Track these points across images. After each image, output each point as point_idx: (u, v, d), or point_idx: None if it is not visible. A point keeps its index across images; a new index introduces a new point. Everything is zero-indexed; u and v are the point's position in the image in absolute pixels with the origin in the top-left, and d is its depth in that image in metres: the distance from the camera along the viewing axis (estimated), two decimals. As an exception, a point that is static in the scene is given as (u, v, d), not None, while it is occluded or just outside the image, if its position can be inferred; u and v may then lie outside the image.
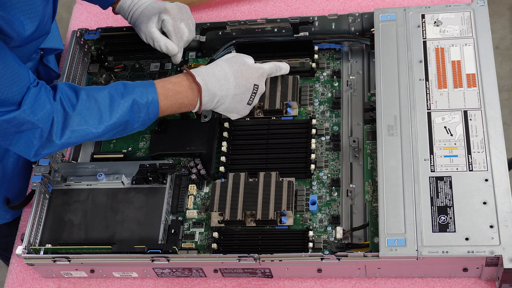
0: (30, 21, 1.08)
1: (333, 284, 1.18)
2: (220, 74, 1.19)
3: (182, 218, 1.25)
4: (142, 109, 1.14)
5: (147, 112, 1.15)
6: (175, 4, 1.27)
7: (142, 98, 1.13)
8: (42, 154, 1.11)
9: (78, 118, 1.10)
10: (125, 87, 1.14)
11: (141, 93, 1.14)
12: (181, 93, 1.17)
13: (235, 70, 1.20)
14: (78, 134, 1.10)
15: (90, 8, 1.59)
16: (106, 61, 1.45)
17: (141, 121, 1.15)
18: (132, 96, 1.13)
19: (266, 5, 1.51)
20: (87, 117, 1.10)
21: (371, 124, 1.26)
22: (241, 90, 1.20)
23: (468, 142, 1.15)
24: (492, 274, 1.11)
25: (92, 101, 1.11)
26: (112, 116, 1.12)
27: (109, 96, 1.12)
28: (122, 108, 1.12)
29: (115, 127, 1.13)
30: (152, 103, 1.14)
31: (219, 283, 1.21)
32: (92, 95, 1.12)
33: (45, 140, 1.09)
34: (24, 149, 1.10)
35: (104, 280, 1.25)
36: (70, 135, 1.10)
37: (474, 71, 1.21)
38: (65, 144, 1.11)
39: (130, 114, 1.13)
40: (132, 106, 1.13)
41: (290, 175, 1.24)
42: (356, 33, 1.36)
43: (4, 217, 1.39)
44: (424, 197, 1.11)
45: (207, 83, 1.18)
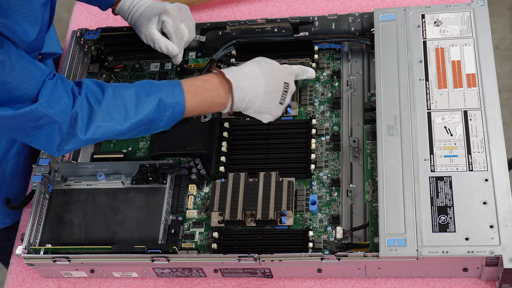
0: (32, 27, 1.08)
1: (333, 284, 1.18)
2: (250, 73, 1.17)
3: (182, 218, 1.25)
4: (168, 108, 1.12)
5: (173, 112, 1.12)
6: (175, 5, 1.27)
7: (168, 97, 1.12)
8: (65, 149, 1.10)
9: (104, 114, 1.09)
10: (152, 85, 1.13)
11: (168, 92, 1.12)
12: (211, 90, 1.15)
13: (264, 69, 1.18)
14: (102, 130, 1.09)
15: (90, 8, 1.59)
16: (106, 61, 1.45)
17: (166, 120, 1.13)
18: (158, 94, 1.11)
19: (266, 5, 1.51)
20: (113, 113, 1.09)
21: (371, 124, 1.26)
22: (272, 88, 1.18)
23: (468, 142, 1.15)
24: (492, 274, 1.11)
25: (118, 97, 1.10)
26: (138, 114, 1.10)
27: (135, 93, 1.11)
28: (148, 106, 1.10)
29: (140, 125, 1.11)
30: (178, 103, 1.12)
31: (219, 283, 1.21)
32: (118, 92, 1.10)
33: (66, 134, 1.07)
34: (46, 144, 1.08)
35: (104, 280, 1.25)
36: (95, 131, 1.08)
37: (474, 71, 1.21)
38: (90, 139, 1.09)
39: (156, 112, 1.11)
40: (159, 105, 1.11)
41: (290, 175, 1.24)
42: (356, 33, 1.36)
43: (4, 221, 1.39)
44: (424, 197, 1.11)
45: (238, 81, 1.16)
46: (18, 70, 1.02)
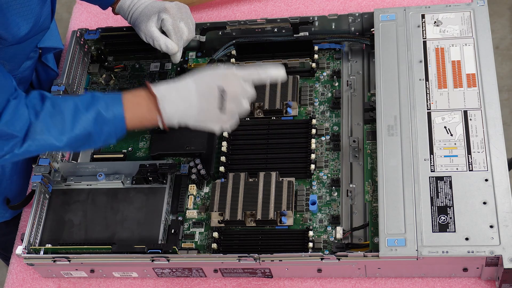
0: (26, 22, 1.08)
1: (333, 284, 1.18)
2: (180, 85, 1.12)
3: (182, 218, 1.25)
4: (107, 122, 1.08)
5: (113, 125, 1.09)
6: (174, 4, 1.27)
7: (107, 111, 1.08)
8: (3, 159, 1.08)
9: (40, 127, 1.06)
10: (92, 98, 1.09)
11: (106, 105, 1.09)
12: (142, 105, 1.10)
13: (196, 78, 1.12)
14: (38, 143, 1.07)
15: (90, 8, 1.59)
16: (106, 61, 1.45)
17: (106, 134, 1.09)
18: (96, 108, 1.08)
19: (266, 5, 1.51)
20: (49, 126, 1.07)
21: (371, 124, 1.26)
22: (205, 96, 1.10)
23: (468, 142, 1.15)
24: (492, 274, 1.11)
25: (56, 110, 1.07)
26: (74, 128, 1.07)
27: (74, 106, 1.08)
28: (85, 120, 1.07)
29: (77, 140, 1.08)
30: (117, 116, 1.09)
31: (219, 283, 1.21)
32: (58, 104, 1.08)
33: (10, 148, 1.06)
34: None
35: (104, 280, 1.25)
36: (30, 143, 1.06)
37: (474, 71, 1.21)
38: (25, 152, 1.07)
39: (94, 126, 1.08)
40: (96, 119, 1.08)
41: (290, 175, 1.24)
42: (356, 33, 1.36)
43: (3, 215, 1.39)
44: (424, 197, 1.11)
45: (165, 96, 1.10)
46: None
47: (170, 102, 1.10)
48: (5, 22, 1.03)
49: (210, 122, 1.12)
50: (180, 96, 1.11)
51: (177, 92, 1.11)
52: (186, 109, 1.11)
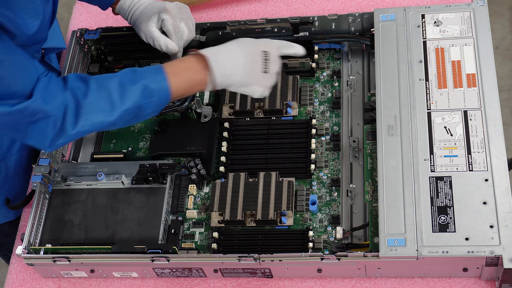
0: (33, 20, 1.09)
1: (333, 284, 1.18)
2: (226, 48, 1.17)
3: (182, 218, 1.25)
4: (154, 93, 1.12)
5: (159, 96, 1.12)
6: (174, 4, 1.27)
7: (152, 83, 1.12)
8: (57, 144, 1.10)
9: (90, 106, 1.09)
10: (135, 73, 1.13)
11: (151, 77, 1.12)
12: (190, 68, 1.15)
13: (239, 42, 1.18)
14: (91, 122, 1.09)
15: (90, 8, 1.59)
16: (106, 61, 1.45)
17: (154, 105, 1.13)
18: (142, 81, 1.11)
19: (266, 5, 1.51)
20: (100, 104, 1.09)
21: (371, 124, 1.26)
22: (250, 58, 1.16)
23: (468, 142, 1.15)
24: (492, 274, 1.11)
25: (102, 89, 1.10)
26: (124, 103, 1.10)
27: (119, 83, 1.11)
28: (134, 94, 1.10)
29: (127, 114, 1.11)
30: (162, 87, 1.12)
31: (219, 283, 1.21)
32: (102, 83, 1.11)
33: (58, 129, 1.08)
34: (39, 139, 1.09)
35: (104, 280, 1.25)
36: (83, 124, 1.09)
37: (474, 71, 1.21)
38: (79, 133, 1.10)
39: (142, 99, 1.11)
40: (143, 91, 1.11)
41: (290, 175, 1.24)
42: (356, 33, 1.36)
43: (7, 215, 1.39)
44: (424, 197, 1.11)
45: (214, 55, 1.15)
46: (16, 66, 1.03)
47: (219, 61, 1.15)
48: (14, 18, 1.05)
49: (256, 83, 1.18)
50: (228, 57, 1.16)
51: (224, 53, 1.16)
52: (233, 69, 1.15)
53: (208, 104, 1.35)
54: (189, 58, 1.16)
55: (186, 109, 1.32)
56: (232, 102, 1.32)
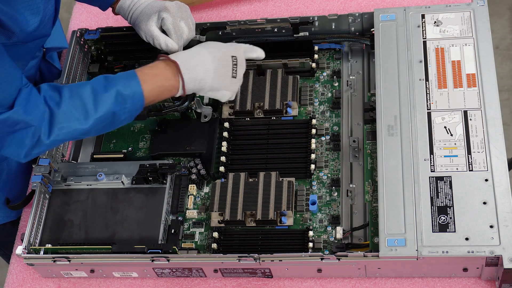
0: (33, 17, 1.10)
1: (333, 284, 1.18)
2: (196, 53, 1.19)
3: (182, 218, 1.25)
4: (127, 99, 1.12)
5: (133, 102, 1.13)
6: (174, 3, 1.27)
7: (125, 89, 1.12)
8: (32, 154, 1.10)
9: (64, 115, 1.09)
10: (107, 80, 1.13)
11: (124, 83, 1.12)
12: (160, 74, 1.16)
13: (208, 47, 1.20)
14: (65, 131, 1.09)
15: (90, 8, 1.59)
16: (106, 61, 1.45)
17: (128, 112, 1.13)
18: (115, 88, 1.12)
19: (266, 5, 1.51)
20: (73, 113, 1.09)
21: (371, 124, 1.26)
22: (220, 62, 1.18)
23: (468, 142, 1.15)
24: (492, 274, 1.11)
25: (75, 97, 1.10)
26: (98, 110, 1.10)
27: (92, 90, 1.11)
28: (107, 101, 1.11)
29: (102, 121, 1.11)
30: (136, 92, 1.13)
31: (219, 283, 1.21)
32: (75, 91, 1.11)
33: (36, 140, 1.08)
34: (16, 150, 1.09)
35: (104, 280, 1.25)
36: (58, 133, 1.09)
37: (474, 71, 1.21)
38: (54, 142, 1.10)
39: (116, 106, 1.11)
40: (117, 98, 1.11)
41: (290, 175, 1.24)
42: (356, 33, 1.36)
43: (9, 215, 1.39)
44: (424, 197, 1.11)
45: (185, 61, 1.17)
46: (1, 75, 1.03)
47: (189, 68, 1.16)
48: (13, 14, 1.05)
49: (224, 88, 1.20)
50: (198, 62, 1.17)
51: (194, 59, 1.18)
52: (204, 74, 1.17)
53: (208, 104, 1.35)
54: (159, 64, 1.17)
55: (186, 109, 1.32)
56: (232, 102, 1.32)
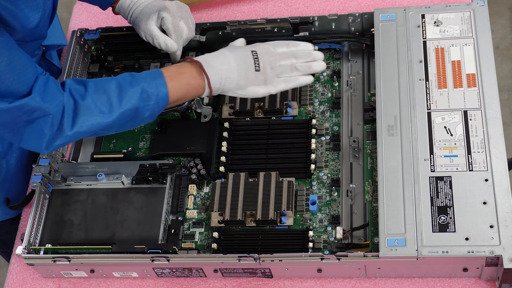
0: (34, 13, 1.10)
1: (333, 284, 1.18)
2: (218, 53, 1.20)
3: (182, 218, 1.25)
4: (152, 96, 1.13)
5: (157, 100, 1.13)
6: (174, 3, 1.27)
7: (150, 86, 1.13)
8: (54, 145, 1.10)
9: (89, 108, 1.09)
10: (133, 76, 1.14)
11: (149, 81, 1.13)
12: (185, 73, 1.16)
13: (228, 47, 1.21)
14: (89, 123, 1.10)
15: (90, 8, 1.59)
16: (106, 61, 1.45)
17: (151, 109, 1.14)
18: (140, 84, 1.12)
19: (266, 5, 1.51)
20: (97, 106, 1.10)
21: (371, 124, 1.26)
22: (242, 59, 1.18)
23: (468, 142, 1.15)
24: (492, 274, 1.11)
25: (101, 91, 1.11)
26: (122, 105, 1.11)
27: (117, 85, 1.12)
28: (132, 96, 1.11)
29: (125, 116, 1.12)
30: (160, 90, 1.13)
31: (219, 283, 1.21)
32: (101, 85, 1.12)
33: (56, 130, 1.08)
34: (36, 141, 1.09)
35: (104, 280, 1.25)
36: (81, 124, 1.09)
37: (474, 71, 1.21)
38: (77, 134, 1.10)
39: (140, 102, 1.12)
40: (142, 94, 1.12)
41: (290, 175, 1.24)
42: (356, 33, 1.36)
43: (8, 212, 1.39)
44: (424, 197, 1.11)
45: (208, 61, 1.17)
46: (15, 63, 1.03)
47: (213, 66, 1.17)
48: (14, 10, 1.06)
49: (252, 83, 1.19)
50: (220, 61, 1.18)
51: (216, 58, 1.18)
52: (227, 71, 1.17)
53: (208, 104, 1.35)
54: (184, 63, 1.18)
55: (186, 109, 1.32)
56: (232, 102, 1.32)
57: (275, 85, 1.20)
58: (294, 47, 1.22)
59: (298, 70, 1.20)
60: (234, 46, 1.22)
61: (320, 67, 1.22)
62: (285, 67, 1.20)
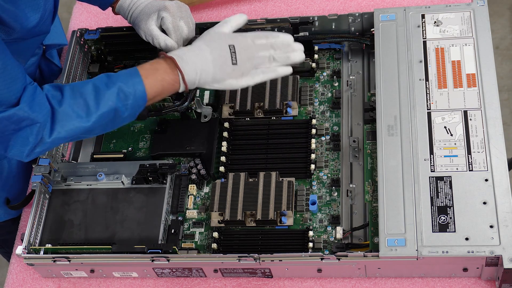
0: (34, 13, 1.10)
1: (333, 284, 1.18)
2: (194, 47, 1.18)
3: (182, 218, 1.25)
4: (129, 96, 1.12)
5: (135, 98, 1.12)
6: (174, 3, 1.27)
7: (127, 85, 1.12)
8: (34, 153, 1.10)
9: (66, 113, 1.09)
10: (109, 77, 1.13)
11: (126, 80, 1.12)
12: (159, 69, 1.15)
13: (205, 39, 1.19)
14: (67, 129, 1.09)
15: (90, 8, 1.59)
16: (106, 61, 1.45)
17: (130, 108, 1.13)
18: (116, 84, 1.11)
19: (266, 5, 1.51)
20: (75, 110, 1.09)
21: (371, 124, 1.26)
22: (218, 52, 1.17)
23: (468, 142, 1.15)
24: (492, 274, 1.11)
25: (77, 95, 1.10)
26: (100, 107, 1.10)
27: (93, 87, 1.11)
28: (109, 97, 1.10)
29: (104, 118, 1.11)
30: (137, 89, 1.12)
31: (219, 283, 1.21)
32: (77, 89, 1.11)
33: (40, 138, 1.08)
34: (20, 149, 1.09)
35: (104, 280, 1.25)
36: (59, 131, 1.09)
37: (474, 71, 1.21)
38: (56, 140, 1.09)
39: (118, 102, 1.11)
40: (118, 94, 1.11)
41: (290, 175, 1.24)
42: (356, 33, 1.36)
43: (10, 212, 1.39)
44: (424, 197, 1.11)
45: (181, 55, 1.16)
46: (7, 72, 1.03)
47: (187, 60, 1.15)
48: (14, 11, 1.06)
49: (229, 76, 1.17)
50: (195, 54, 1.16)
51: (191, 52, 1.17)
52: (202, 65, 1.16)
53: (208, 104, 1.35)
54: (158, 60, 1.17)
55: (186, 109, 1.32)
56: (232, 102, 1.32)
57: (253, 77, 1.19)
58: (273, 38, 1.20)
59: (276, 61, 1.19)
60: (209, 38, 1.19)
61: (299, 57, 1.21)
62: (263, 58, 1.18)
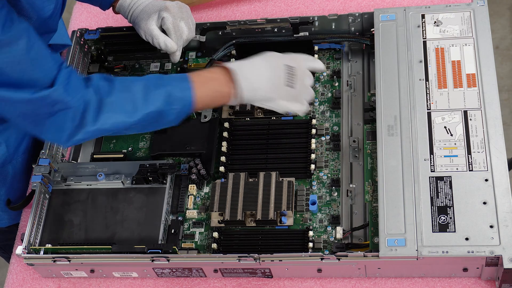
0: (48, 3, 1.10)
1: (333, 284, 1.18)
2: (251, 62, 1.17)
3: (182, 218, 1.25)
4: (177, 101, 1.11)
5: (181, 104, 1.11)
6: (175, 3, 1.27)
7: (177, 90, 1.11)
8: (75, 139, 1.08)
9: (113, 105, 1.08)
10: (160, 78, 1.13)
11: (176, 84, 1.12)
12: (216, 79, 1.14)
13: (264, 57, 1.17)
14: (112, 121, 1.08)
15: (90, 8, 1.60)
16: (106, 61, 1.45)
17: (176, 113, 1.12)
18: (166, 87, 1.11)
19: (266, 5, 1.51)
20: (122, 104, 1.08)
21: (371, 124, 1.26)
22: (274, 72, 1.15)
23: (468, 142, 1.15)
24: (492, 274, 1.11)
25: (126, 90, 1.09)
26: (147, 106, 1.09)
27: (143, 86, 1.10)
28: (157, 98, 1.10)
29: (148, 117, 1.10)
30: (186, 95, 1.11)
31: (219, 283, 1.21)
32: (127, 84, 1.10)
33: (78, 124, 1.07)
34: (57, 133, 1.07)
35: (104, 280, 1.25)
36: (104, 121, 1.07)
37: (474, 71, 1.21)
38: (99, 130, 1.08)
39: (165, 105, 1.10)
40: (167, 98, 1.10)
41: (290, 175, 1.24)
42: (356, 33, 1.36)
43: (15, 218, 1.39)
44: (424, 197, 1.11)
45: (240, 69, 1.15)
46: (37, 52, 1.02)
47: (243, 75, 1.14)
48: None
49: (279, 98, 1.16)
50: (253, 70, 1.15)
51: (249, 67, 1.16)
52: (257, 83, 1.14)
53: (208, 104, 1.35)
54: (215, 69, 1.16)
55: (186, 109, 1.31)
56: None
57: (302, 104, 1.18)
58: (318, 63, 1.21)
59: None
60: (268, 56, 1.18)
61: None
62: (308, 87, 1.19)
